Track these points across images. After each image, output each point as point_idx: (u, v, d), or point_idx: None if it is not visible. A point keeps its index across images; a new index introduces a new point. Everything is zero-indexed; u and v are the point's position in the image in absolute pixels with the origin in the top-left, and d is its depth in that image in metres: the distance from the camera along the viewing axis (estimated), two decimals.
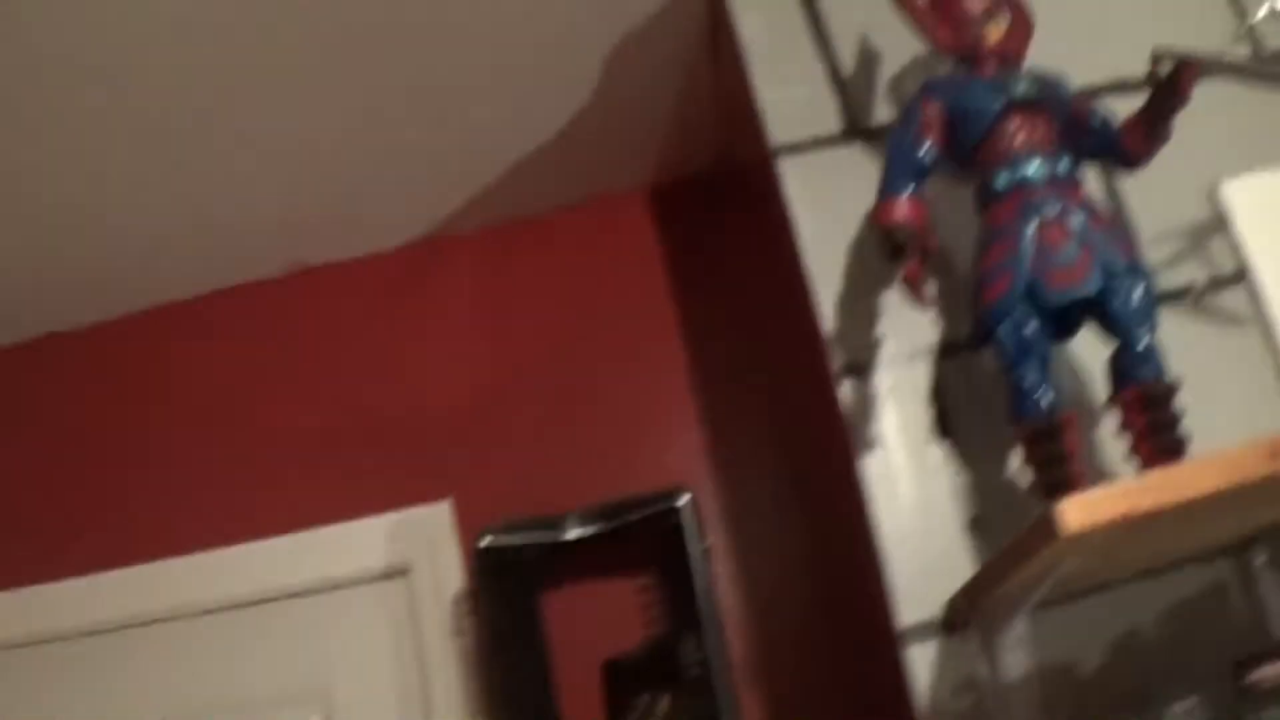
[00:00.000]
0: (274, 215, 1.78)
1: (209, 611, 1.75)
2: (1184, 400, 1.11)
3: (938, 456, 1.29)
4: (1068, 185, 1.17)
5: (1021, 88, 1.19)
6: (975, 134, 1.19)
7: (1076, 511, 0.90)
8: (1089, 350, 1.24)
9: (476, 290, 1.91)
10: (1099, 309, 1.14)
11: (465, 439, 1.80)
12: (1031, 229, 1.14)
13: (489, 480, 1.76)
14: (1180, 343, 1.29)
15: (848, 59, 1.44)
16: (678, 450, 1.78)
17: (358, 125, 1.65)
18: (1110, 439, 1.18)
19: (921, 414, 1.31)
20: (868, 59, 1.43)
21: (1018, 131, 1.18)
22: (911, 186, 1.18)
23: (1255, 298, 1.36)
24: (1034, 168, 1.17)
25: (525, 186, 1.86)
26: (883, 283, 1.32)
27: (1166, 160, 1.36)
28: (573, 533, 1.58)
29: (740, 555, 1.73)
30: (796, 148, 1.40)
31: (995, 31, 1.24)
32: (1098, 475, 1.24)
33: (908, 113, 1.23)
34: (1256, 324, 1.36)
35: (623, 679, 1.60)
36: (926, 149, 1.20)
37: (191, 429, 1.84)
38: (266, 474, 1.79)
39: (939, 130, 1.21)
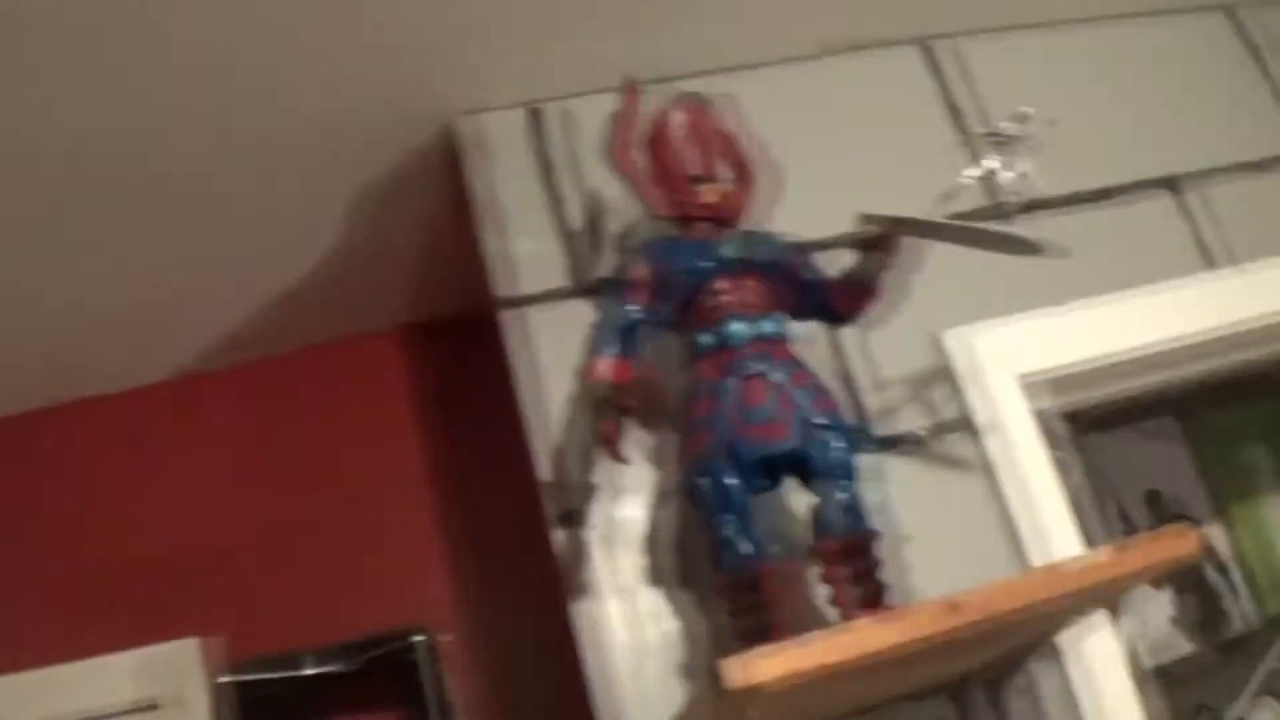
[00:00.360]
0: (30, 349, 1.75)
1: None
2: (913, 545, 1.16)
3: (650, 603, 1.31)
4: (772, 344, 1.22)
5: (729, 250, 1.25)
6: (683, 295, 1.24)
7: (740, 669, 0.92)
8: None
9: (232, 426, 1.90)
10: (800, 463, 1.19)
11: (218, 575, 1.78)
12: (732, 386, 1.19)
13: (241, 617, 1.74)
14: (908, 488, 1.37)
15: (577, 214, 1.49)
16: (433, 590, 1.78)
17: (113, 264, 1.65)
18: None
19: (636, 561, 1.33)
20: (597, 215, 1.48)
21: (724, 292, 1.24)
22: (617, 346, 1.22)
23: (977, 443, 1.43)
24: (738, 328, 1.22)
25: (281, 324, 1.87)
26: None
27: (895, 310, 1.44)
28: (312, 670, 1.58)
29: (493, 694, 1.74)
30: (522, 300, 1.44)
31: (710, 194, 1.29)
32: (819, 621, 1.26)
33: (620, 273, 1.27)
34: (979, 469, 1.42)
35: None
36: (634, 310, 1.24)
37: None
38: (18, 608, 1.74)
39: (648, 291, 1.25)
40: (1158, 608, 1.95)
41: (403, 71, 1.46)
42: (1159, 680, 1.80)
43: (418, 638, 1.56)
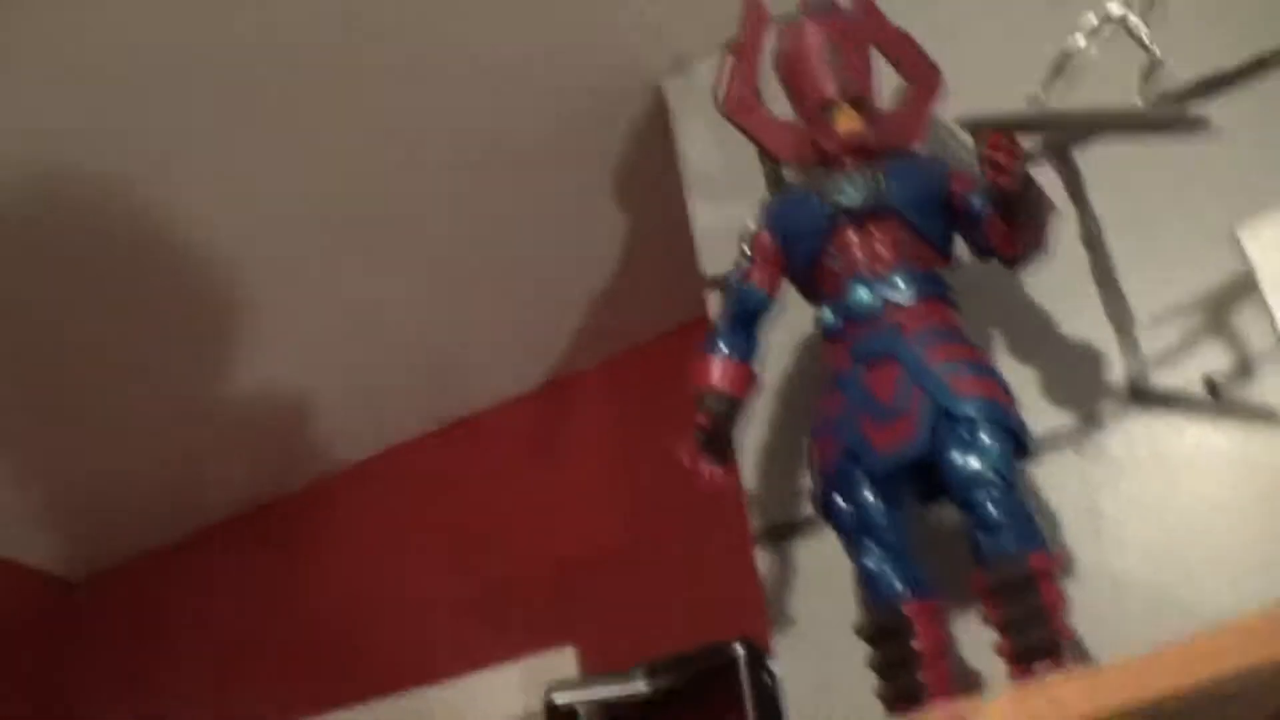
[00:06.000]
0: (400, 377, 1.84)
1: None
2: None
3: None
4: (909, 311, 0.93)
5: (849, 193, 0.97)
6: (803, 261, 0.99)
7: None
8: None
9: (601, 430, 1.85)
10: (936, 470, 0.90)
11: (591, 586, 1.76)
12: (857, 375, 0.93)
13: (611, 628, 1.70)
14: (1194, 464, 1.01)
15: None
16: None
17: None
18: None
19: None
20: None
21: (845, 251, 0.97)
22: (728, 344, 1.00)
23: None
24: (861, 295, 0.95)
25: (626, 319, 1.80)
26: None
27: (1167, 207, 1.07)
28: (640, 686, 1.49)
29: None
30: None
31: (846, 119, 1.01)
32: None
33: (740, 248, 1.04)
34: None
35: None
36: (754, 290, 1.01)
37: (342, 587, 1.94)
38: (423, 623, 1.85)
39: (770, 266, 1.01)
40: None
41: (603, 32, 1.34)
42: None
43: (740, 649, 1.41)
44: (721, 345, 0.99)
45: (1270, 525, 0.97)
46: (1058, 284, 1.10)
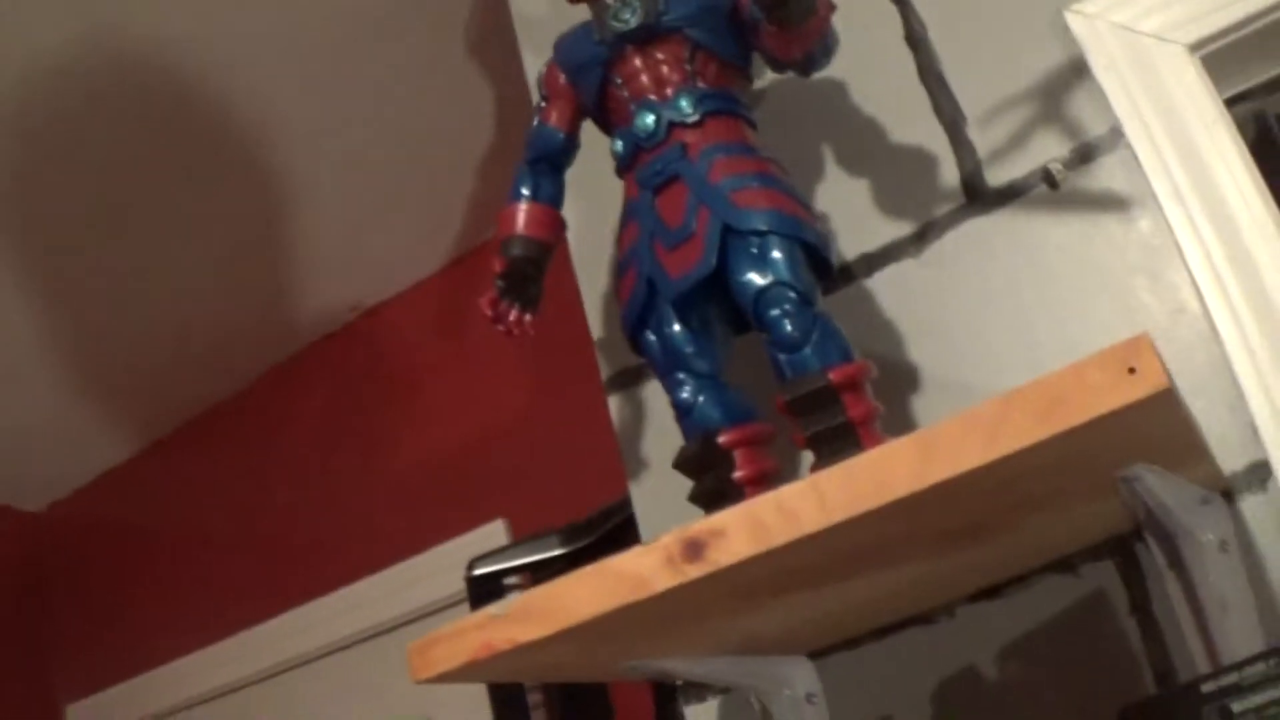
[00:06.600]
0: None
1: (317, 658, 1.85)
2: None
3: None
4: (699, 130, 0.89)
5: (627, 16, 0.92)
6: (593, 93, 0.95)
7: (419, 659, 0.70)
8: None
9: None
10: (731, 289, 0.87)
11: (514, 458, 1.74)
12: (648, 203, 0.90)
13: (538, 496, 1.69)
14: (1039, 254, 0.98)
15: None
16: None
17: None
18: None
19: None
20: None
21: (634, 76, 0.92)
22: (530, 188, 0.96)
23: (1136, 164, 0.97)
24: (646, 120, 0.90)
25: None
26: None
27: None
28: (557, 548, 1.48)
29: None
30: None
31: None
32: None
33: (539, 87, 1.00)
34: (1133, 202, 0.96)
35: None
36: (546, 135, 0.97)
37: (280, 491, 1.95)
38: (347, 524, 1.86)
39: (564, 103, 0.97)
40: None
41: None
42: None
43: None
44: (523, 190, 0.96)
45: (1118, 320, 0.93)
46: (884, 89, 1.06)
